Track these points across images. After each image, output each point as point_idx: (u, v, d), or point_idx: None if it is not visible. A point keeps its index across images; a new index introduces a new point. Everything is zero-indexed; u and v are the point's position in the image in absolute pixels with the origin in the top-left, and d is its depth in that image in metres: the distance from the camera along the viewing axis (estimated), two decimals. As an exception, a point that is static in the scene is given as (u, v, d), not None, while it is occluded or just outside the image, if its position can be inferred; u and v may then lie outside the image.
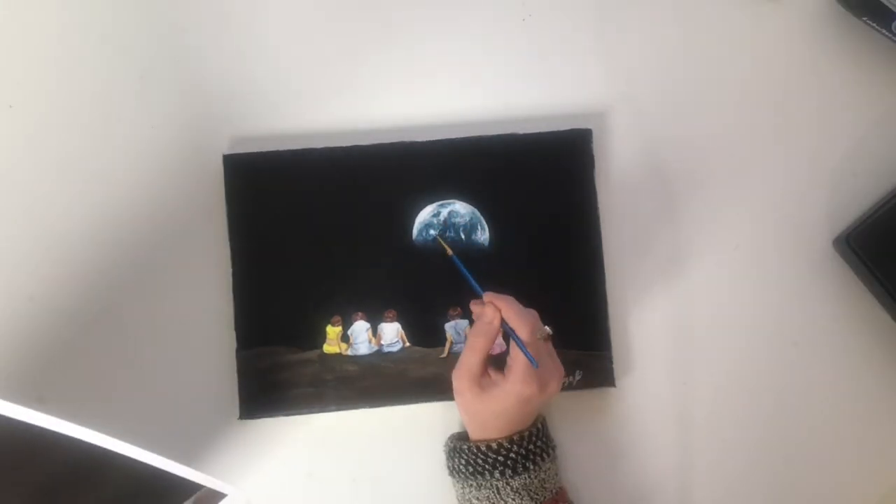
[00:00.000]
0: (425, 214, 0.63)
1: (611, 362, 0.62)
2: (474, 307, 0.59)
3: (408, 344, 0.62)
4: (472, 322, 0.62)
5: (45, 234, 0.63)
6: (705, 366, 0.64)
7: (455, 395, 0.57)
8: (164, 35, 0.66)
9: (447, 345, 0.62)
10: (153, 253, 0.64)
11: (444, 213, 0.63)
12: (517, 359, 0.55)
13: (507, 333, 0.56)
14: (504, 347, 0.60)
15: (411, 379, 0.62)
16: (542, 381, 0.55)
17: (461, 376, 0.56)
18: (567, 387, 0.61)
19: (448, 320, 0.62)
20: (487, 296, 0.57)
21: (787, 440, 0.64)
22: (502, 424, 0.56)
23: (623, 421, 0.64)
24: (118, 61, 0.65)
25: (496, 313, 0.56)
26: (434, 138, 0.64)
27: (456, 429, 0.62)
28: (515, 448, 0.55)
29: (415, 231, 0.63)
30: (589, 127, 0.65)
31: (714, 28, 0.67)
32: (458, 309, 0.62)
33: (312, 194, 0.63)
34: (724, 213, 0.66)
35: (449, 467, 0.59)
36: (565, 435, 0.62)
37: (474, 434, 0.58)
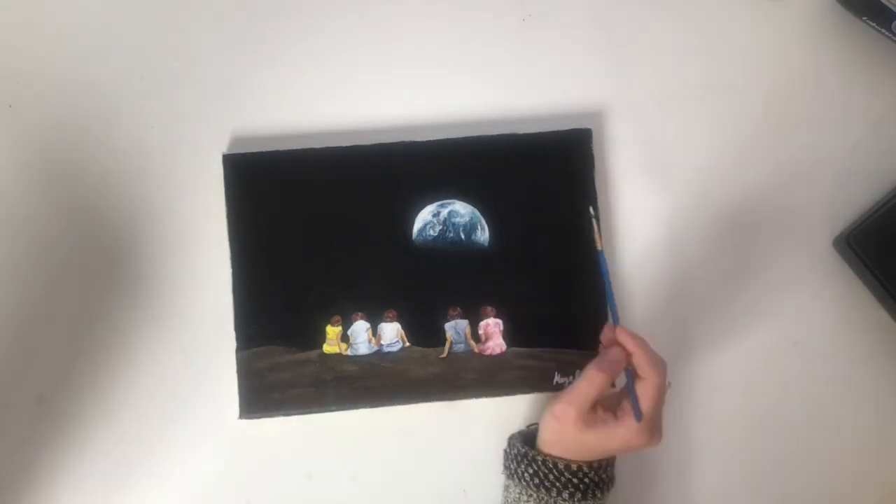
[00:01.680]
0: (425, 214, 0.63)
1: (611, 362, 0.62)
2: (605, 336, 0.57)
3: (408, 344, 0.62)
4: (472, 322, 0.62)
5: (45, 233, 0.63)
6: (705, 366, 0.64)
7: (550, 418, 0.55)
8: (164, 35, 0.66)
9: (447, 345, 0.62)
10: (153, 252, 0.64)
11: (444, 213, 0.63)
12: (643, 408, 0.53)
13: (628, 376, 0.54)
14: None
15: (411, 379, 0.62)
16: (651, 432, 0.53)
17: (571, 404, 0.53)
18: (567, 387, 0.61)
19: (448, 320, 0.62)
20: (620, 332, 0.55)
21: (786, 440, 0.64)
22: (590, 456, 0.55)
23: (623, 421, 0.63)
24: (118, 61, 0.66)
25: (624, 356, 0.54)
26: (434, 138, 0.64)
27: (457, 429, 0.61)
28: (592, 474, 0.54)
29: (415, 231, 0.63)
30: (589, 127, 0.65)
31: (714, 28, 0.67)
32: (458, 309, 0.62)
33: (312, 194, 0.63)
34: (723, 213, 0.66)
35: (509, 468, 0.57)
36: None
37: (553, 450, 0.55)
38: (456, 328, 0.62)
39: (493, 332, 0.62)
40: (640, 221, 0.65)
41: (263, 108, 0.66)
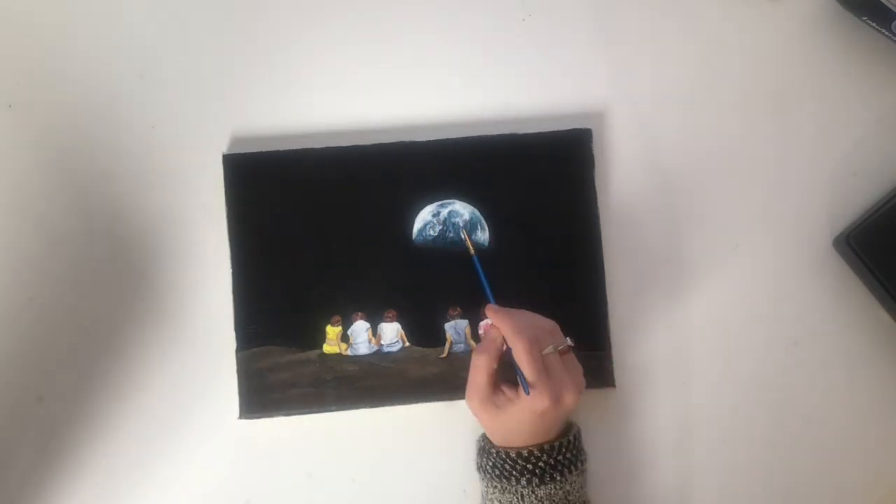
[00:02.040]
0: (425, 214, 0.63)
1: (611, 362, 0.62)
2: (489, 313, 0.58)
3: (408, 344, 0.62)
4: (472, 322, 0.62)
5: (45, 233, 0.63)
6: (705, 366, 0.64)
7: (473, 413, 0.57)
8: (164, 35, 0.66)
9: (447, 345, 0.62)
10: (153, 253, 0.64)
11: (444, 212, 0.63)
12: (525, 376, 0.54)
13: (511, 351, 0.55)
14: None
15: (411, 379, 0.62)
16: (554, 394, 0.53)
17: (472, 397, 0.56)
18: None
19: (448, 320, 0.62)
20: (490, 309, 0.57)
21: (786, 440, 0.64)
22: (525, 437, 0.55)
23: (623, 421, 0.64)
24: (118, 61, 0.66)
25: (499, 333, 0.56)
26: (434, 138, 0.64)
27: (457, 429, 0.62)
28: (545, 457, 0.55)
29: (415, 231, 0.63)
30: (589, 127, 0.65)
31: (714, 28, 0.67)
32: (458, 309, 0.62)
33: (312, 194, 0.63)
34: (723, 213, 0.66)
35: (477, 463, 0.59)
36: (565, 435, 0.62)
37: (499, 442, 0.57)
38: (456, 328, 0.62)
39: (492, 332, 0.62)
40: (640, 221, 0.65)
41: (263, 108, 0.66)
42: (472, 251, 0.61)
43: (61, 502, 0.61)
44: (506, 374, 0.56)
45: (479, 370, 0.55)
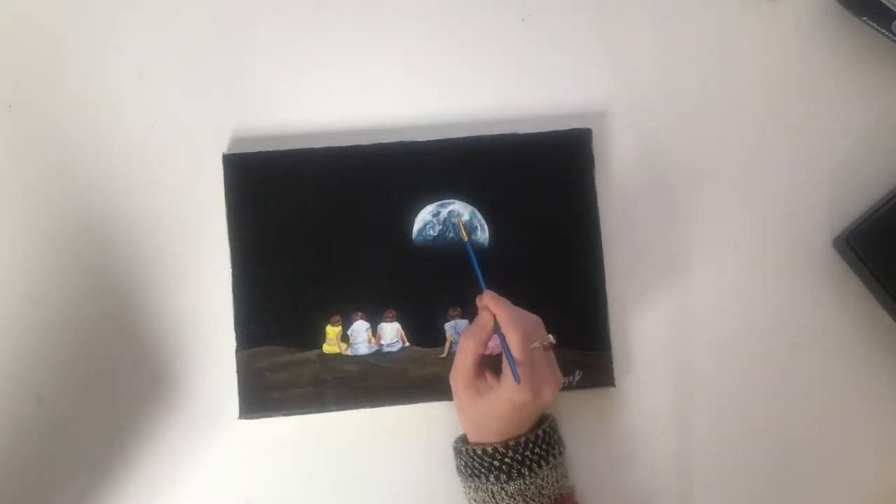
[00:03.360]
0: (425, 214, 0.63)
1: (611, 362, 0.62)
2: (477, 302, 0.59)
3: (407, 344, 0.62)
4: (471, 322, 0.62)
5: (45, 234, 0.63)
6: (705, 366, 0.64)
7: (453, 396, 0.57)
8: (164, 35, 0.66)
9: (447, 345, 0.62)
10: (153, 253, 0.64)
11: (444, 212, 0.63)
12: (509, 366, 0.54)
13: (501, 339, 0.56)
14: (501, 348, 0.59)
15: (411, 379, 0.62)
16: (534, 388, 0.54)
17: (455, 378, 0.57)
18: (567, 387, 0.61)
19: (448, 320, 0.62)
20: (487, 295, 0.57)
21: (787, 440, 0.64)
22: (497, 428, 0.56)
23: (623, 421, 0.64)
24: (118, 61, 0.66)
25: (490, 317, 0.56)
26: (434, 138, 0.64)
27: (457, 429, 0.62)
28: (510, 454, 0.55)
29: (415, 231, 0.63)
30: (589, 127, 0.65)
31: (714, 28, 0.67)
32: (458, 309, 0.62)
33: (312, 194, 0.63)
34: (723, 213, 0.66)
35: (455, 465, 0.59)
36: (565, 435, 0.62)
37: (471, 436, 0.58)
38: (456, 328, 0.62)
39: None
40: (640, 221, 0.65)
41: (263, 108, 0.66)
42: (465, 237, 0.61)
43: (61, 502, 0.61)
44: (488, 362, 0.57)
45: (467, 353, 0.56)
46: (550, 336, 0.56)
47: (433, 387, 0.62)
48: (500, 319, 0.56)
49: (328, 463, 0.63)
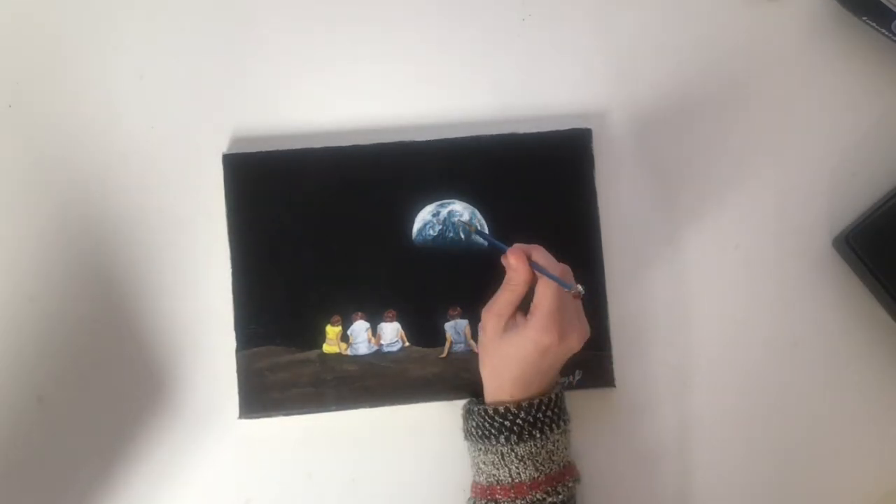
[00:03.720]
0: (425, 214, 0.63)
1: (611, 362, 0.62)
2: (504, 262, 0.57)
3: (407, 344, 0.62)
4: (471, 322, 0.62)
5: (45, 234, 0.63)
6: (705, 366, 0.64)
7: (479, 333, 0.57)
8: (164, 35, 0.66)
9: (447, 345, 0.62)
10: (153, 253, 0.64)
11: (444, 212, 0.63)
12: (539, 305, 0.53)
13: (538, 272, 0.54)
14: None
15: (411, 379, 0.62)
16: (562, 330, 0.53)
17: (490, 310, 0.56)
18: (567, 387, 0.61)
19: (448, 320, 0.62)
20: (519, 247, 0.56)
21: (787, 440, 0.64)
22: (517, 373, 0.55)
23: (623, 421, 0.64)
24: (118, 61, 0.66)
25: (531, 274, 0.55)
26: (434, 138, 0.64)
27: (457, 429, 0.61)
28: (523, 414, 0.54)
29: (415, 231, 0.63)
30: (589, 127, 0.65)
31: (714, 28, 0.67)
32: (458, 309, 0.62)
33: (312, 194, 0.63)
34: (723, 213, 0.66)
35: (463, 429, 0.59)
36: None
37: (487, 387, 0.57)
38: (456, 328, 0.62)
39: (492, 332, 0.62)
40: (640, 221, 0.65)
41: (263, 108, 0.66)
42: (470, 228, 0.61)
43: (61, 502, 0.61)
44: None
45: (513, 293, 0.55)
46: (579, 286, 0.55)
47: (433, 387, 0.62)
48: (537, 257, 0.55)
49: (328, 463, 0.63)
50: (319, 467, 0.63)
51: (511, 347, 0.54)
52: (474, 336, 0.62)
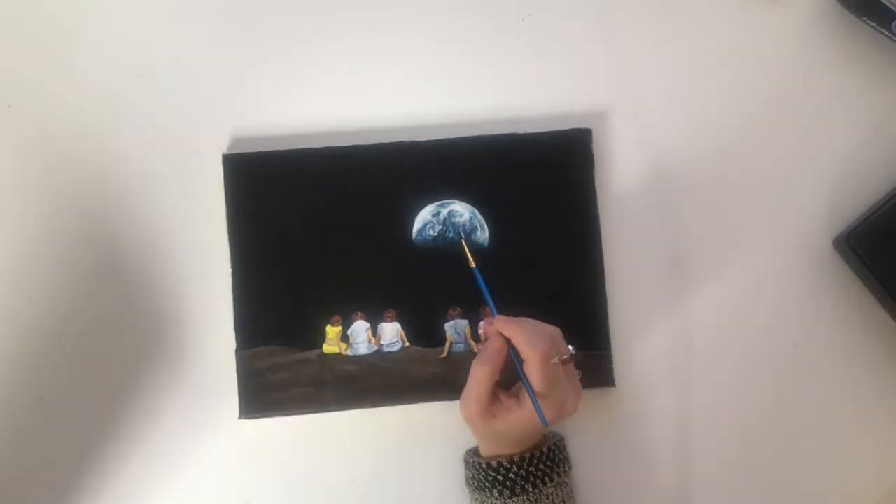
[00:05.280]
0: (425, 214, 0.63)
1: (611, 362, 0.62)
2: (486, 328, 0.57)
3: (407, 344, 0.62)
4: (471, 322, 0.62)
5: (45, 234, 0.63)
6: (705, 366, 0.64)
7: (465, 422, 0.56)
8: (164, 35, 0.66)
9: (447, 345, 0.62)
10: (153, 253, 0.64)
11: (444, 212, 0.63)
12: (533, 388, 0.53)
13: (514, 361, 0.54)
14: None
15: (411, 379, 0.62)
16: (558, 405, 0.53)
17: (469, 407, 0.54)
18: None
19: (448, 320, 0.62)
20: (499, 321, 0.55)
21: (786, 440, 0.64)
22: (514, 441, 0.55)
23: (623, 421, 0.64)
24: (118, 61, 0.66)
25: (503, 344, 0.54)
26: (434, 138, 0.64)
27: (457, 429, 0.61)
28: (515, 469, 0.55)
29: (415, 231, 0.63)
30: (589, 127, 0.65)
31: (714, 28, 0.67)
32: (458, 309, 0.62)
33: (312, 194, 0.63)
34: (724, 213, 0.66)
35: (464, 477, 0.59)
36: (565, 435, 0.62)
37: (485, 451, 0.57)
38: (456, 328, 0.62)
39: (492, 332, 0.62)
40: (640, 221, 0.65)
41: (263, 108, 0.66)
42: (472, 263, 0.59)
43: (61, 502, 0.61)
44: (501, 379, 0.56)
45: (481, 382, 0.53)
46: (570, 347, 0.55)
47: (433, 387, 0.62)
48: (517, 343, 0.53)
49: (328, 463, 0.63)
50: (319, 467, 0.63)
51: (505, 426, 0.54)
52: (474, 336, 0.62)
